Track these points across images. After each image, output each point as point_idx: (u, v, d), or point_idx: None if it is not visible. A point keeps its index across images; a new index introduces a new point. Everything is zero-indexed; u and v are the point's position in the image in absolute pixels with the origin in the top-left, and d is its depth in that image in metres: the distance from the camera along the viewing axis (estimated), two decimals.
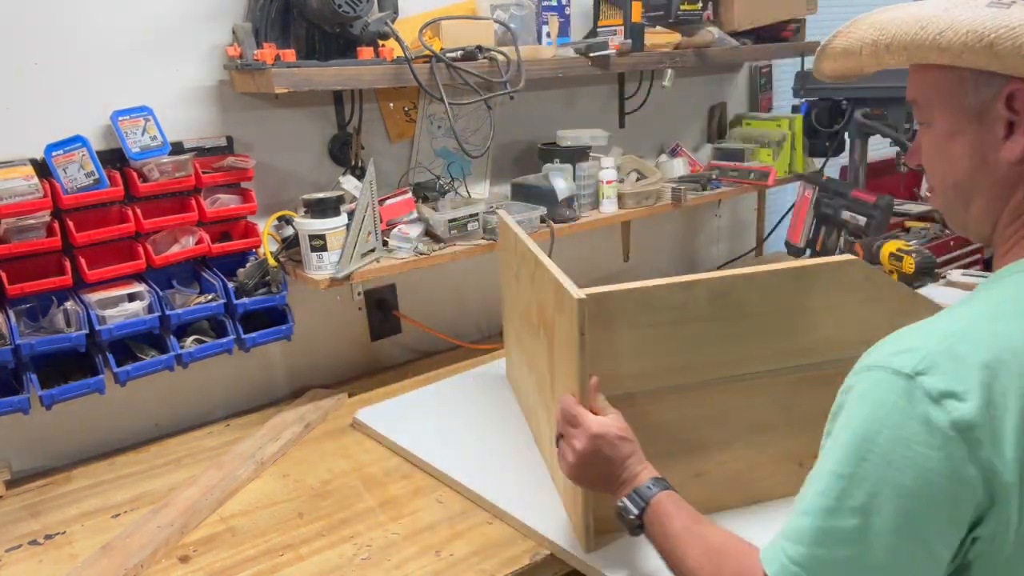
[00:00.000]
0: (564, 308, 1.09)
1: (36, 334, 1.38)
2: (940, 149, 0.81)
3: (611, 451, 1.01)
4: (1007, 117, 0.73)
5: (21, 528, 1.31)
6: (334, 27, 1.53)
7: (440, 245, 1.72)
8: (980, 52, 0.69)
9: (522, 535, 1.22)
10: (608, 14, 2.03)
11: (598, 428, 1.01)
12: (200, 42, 1.55)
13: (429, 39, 1.63)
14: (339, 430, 1.60)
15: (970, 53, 0.70)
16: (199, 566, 1.19)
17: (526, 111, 2.05)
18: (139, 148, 1.44)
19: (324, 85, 1.50)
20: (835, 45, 0.83)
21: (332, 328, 1.85)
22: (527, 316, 1.38)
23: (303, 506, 1.33)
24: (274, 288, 1.60)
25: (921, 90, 0.80)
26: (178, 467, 1.48)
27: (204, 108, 1.58)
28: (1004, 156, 0.75)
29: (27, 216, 1.34)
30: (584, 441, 1.02)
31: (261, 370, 1.77)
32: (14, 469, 1.47)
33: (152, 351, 1.50)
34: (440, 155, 1.95)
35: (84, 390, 1.41)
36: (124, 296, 1.46)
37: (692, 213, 2.60)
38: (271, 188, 1.69)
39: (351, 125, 1.77)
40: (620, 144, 2.25)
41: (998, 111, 0.74)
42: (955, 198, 0.82)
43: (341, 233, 1.56)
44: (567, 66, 1.85)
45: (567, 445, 1.05)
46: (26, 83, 1.39)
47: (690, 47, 2.08)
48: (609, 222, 2.04)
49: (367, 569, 1.16)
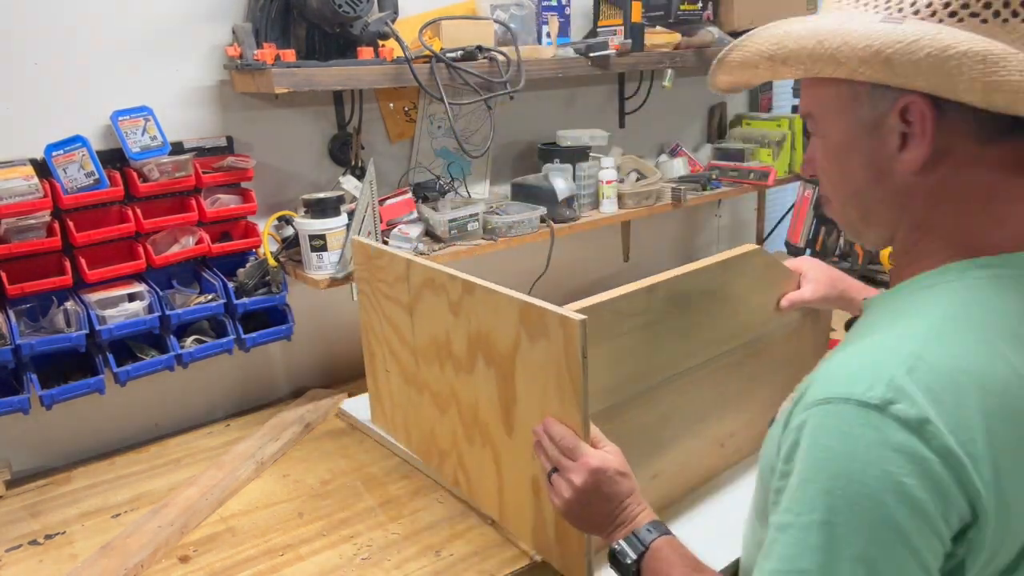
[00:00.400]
0: (548, 333, 1.00)
1: (36, 334, 1.38)
2: (836, 161, 0.81)
3: (611, 488, 0.95)
4: (901, 129, 0.74)
5: (21, 528, 1.31)
6: (334, 27, 1.53)
7: (440, 245, 1.72)
8: (877, 66, 0.70)
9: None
10: (608, 14, 2.03)
11: (599, 463, 0.95)
12: (200, 42, 1.55)
13: (429, 39, 1.63)
14: (339, 430, 1.60)
15: (867, 67, 0.71)
16: (199, 566, 1.19)
17: (526, 111, 2.05)
18: (139, 148, 1.44)
19: (324, 85, 1.50)
20: (732, 58, 0.83)
21: (332, 328, 1.85)
22: (439, 351, 1.25)
23: (303, 506, 1.33)
24: (274, 288, 1.60)
25: (816, 103, 0.80)
26: (178, 467, 1.48)
27: (204, 108, 1.58)
28: (899, 168, 0.75)
29: (27, 216, 1.34)
30: (583, 476, 0.95)
31: (261, 370, 1.77)
32: (14, 469, 1.47)
33: (152, 351, 1.50)
34: (440, 155, 1.95)
35: (84, 390, 1.41)
36: (124, 296, 1.46)
37: (692, 213, 2.60)
38: (271, 188, 1.69)
39: (351, 125, 1.77)
40: (620, 144, 2.25)
41: (892, 123, 0.74)
42: (852, 209, 0.82)
43: (341, 233, 1.56)
44: (567, 66, 1.85)
45: (563, 480, 0.97)
46: (26, 83, 1.39)
47: (690, 47, 2.08)
48: (609, 222, 2.04)
49: (367, 569, 1.16)
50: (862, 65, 0.70)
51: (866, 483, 0.63)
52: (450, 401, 1.26)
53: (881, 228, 0.81)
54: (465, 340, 1.18)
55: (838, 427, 0.66)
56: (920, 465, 0.63)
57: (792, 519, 0.67)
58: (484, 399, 1.17)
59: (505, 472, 1.18)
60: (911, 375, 0.65)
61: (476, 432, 1.22)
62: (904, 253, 0.81)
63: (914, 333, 0.70)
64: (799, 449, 0.68)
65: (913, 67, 0.68)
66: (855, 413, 0.65)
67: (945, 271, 0.75)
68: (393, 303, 1.35)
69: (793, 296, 1.31)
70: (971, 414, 0.65)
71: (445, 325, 1.21)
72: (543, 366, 1.02)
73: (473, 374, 1.18)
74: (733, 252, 1.22)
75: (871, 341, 0.72)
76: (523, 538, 1.19)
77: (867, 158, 0.77)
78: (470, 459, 1.26)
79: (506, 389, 1.12)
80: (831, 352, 0.76)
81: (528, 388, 1.07)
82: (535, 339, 1.03)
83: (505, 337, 1.08)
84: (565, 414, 1.01)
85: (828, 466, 0.65)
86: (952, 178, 0.74)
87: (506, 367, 1.10)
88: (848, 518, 0.64)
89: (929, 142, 0.72)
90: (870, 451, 0.64)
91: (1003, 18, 0.69)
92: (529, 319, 1.03)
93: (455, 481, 1.32)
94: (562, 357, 0.98)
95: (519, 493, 1.16)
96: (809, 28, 0.74)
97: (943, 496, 0.63)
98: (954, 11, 0.70)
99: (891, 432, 0.63)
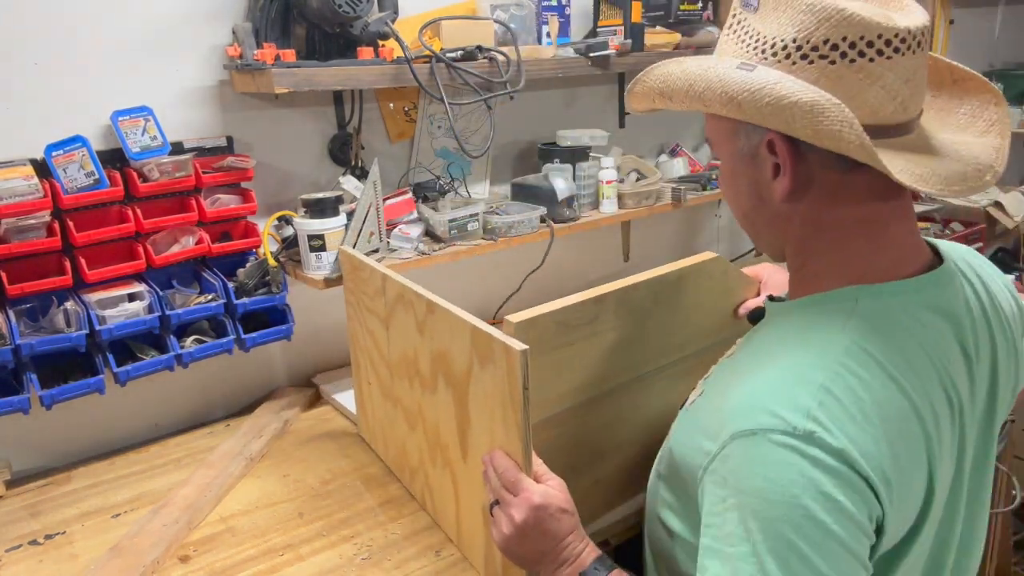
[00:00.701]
0: (494, 359, 0.96)
1: (36, 334, 1.38)
2: (728, 184, 0.90)
3: (552, 525, 0.92)
4: (772, 160, 0.81)
5: (21, 528, 1.31)
6: (334, 27, 1.53)
7: (440, 245, 1.72)
8: (732, 109, 0.77)
9: None
10: (608, 14, 2.03)
11: (541, 499, 0.92)
12: (200, 42, 1.55)
13: (429, 39, 1.63)
14: (339, 430, 1.60)
15: (726, 109, 0.78)
16: (199, 566, 1.19)
17: (526, 111, 2.05)
18: (139, 148, 1.44)
19: (324, 85, 1.50)
20: (635, 90, 0.90)
21: (332, 328, 1.85)
22: (408, 368, 1.22)
23: (303, 506, 1.33)
24: (274, 288, 1.60)
25: (712, 131, 0.89)
26: (178, 467, 1.48)
27: (204, 108, 1.58)
28: (774, 194, 0.83)
29: (27, 216, 1.34)
30: (524, 512, 0.92)
31: (261, 370, 1.77)
32: (14, 469, 1.47)
33: (152, 351, 1.50)
34: (440, 155, 1.95)
35: (84, 390, 1.41)
36: (124, 296, 1.46)
37: (692, 213, 2.60)
38: (271, 188, 1.69)
39: (351, 125, 1.77)
40: (620, 144, 2.25)
41: (764, 155, 0.82)
42: (747, 226, 0.92)
43: (340, 233, 1.56)
44: (567, 66, 1.85)
45: (503, 514, 0.94)
46: (26, 83, 1.39)
47: (690, 47, 2.08)
48: (609, 222, 2.04)
49: (367, 569, 1.17)
50: (723, 107, 0.78)
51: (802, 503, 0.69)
52: (417, 419, 1.24)
53: (770, 247, 0.91)
54: (429, 359, 1.14)
55: (769, 457, 0.72)
56: (847, 481, 0.70)
57: (723, 548, 0.73)
58: (444, 421, 1.14)
59: (461, 496, 1.15)
60: (823, 408, 0.72)
61: (438, 453, 1.19)
62: (795, 271, 0.89)
63: (820, 363, 0.76)
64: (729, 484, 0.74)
65: (758, 112, 0.75)
66: (783, 443, 0.71)
67: (839, 297, 0.82)
68: (374, 316, 1.32)
69: (751, 303, 1.30)
70: (876, 440, 0.72)
71: (413, 342, 1.18)
72: (491, 392, 0.99)
73: (436, 394, 1.15)
74: (690, 260, 1.20)
75: (780, 369, 0.78)
76: (476, 564, 1.16)
77: (749, 184, 0.86)
78: (434, 478, 1.24)
79: (462, 412, 1.08)
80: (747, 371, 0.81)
81: (479, 413, 1.04)
82: (484, 364, 0.99)
83: (461, 360, 1.05)
84: (508, 442, 0.97)
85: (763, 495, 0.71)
86: (825, 205, 0.82)
87: (461, 390, 1.07)
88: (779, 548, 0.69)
89: (791, 172, 0.80)
90: (801, 479, 0.70)
91: (850, 59, 0.75)
92: (480, 343, 0.99)
93: (423, 499, 1.31)
94: (505, 385, 0.94)
95: (472, 519, 1.13)
96: (684, 70, 0.82)
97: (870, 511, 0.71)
98: (805, 54, 0.76)
99: (819, 460, 0.70)
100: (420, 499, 1.32)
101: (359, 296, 1.38)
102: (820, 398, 0.72)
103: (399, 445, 1.35)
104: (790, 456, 0.70)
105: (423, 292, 1.13)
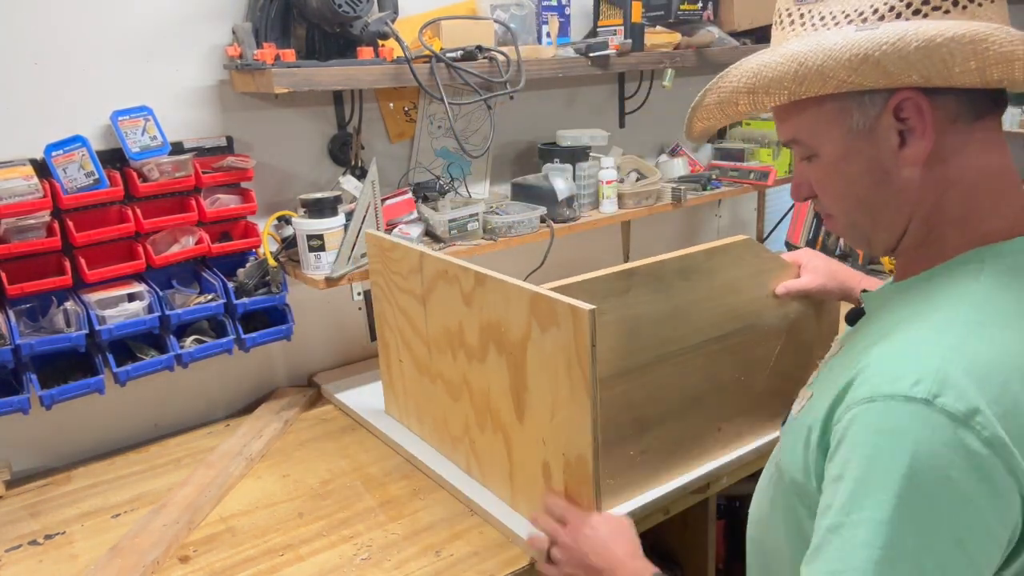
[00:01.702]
0: (558, 322, 1.04)
1: (36, 334, 1.38)
2: (836, 175, 0.81)
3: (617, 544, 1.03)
4: (898, 127, 0.75)
5: (21, 528, 1.31)
6: (334, 27, 1.53)
7: (440, 245, 1.72)
8: (866, 71, 0.71)
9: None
10: (608, 14, 2.03)
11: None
12: (200, 42, 1.55)
13: (429, 39, 1.63)
14: (339, 430, 1.60)
15: (856, 75, 0.72)
16: (199, 566, 1.19)
17: (526, 111, 2.05)
18: (139, 148, 1.44)
19: (324, 85, 1.50)
20: (709, 102, 0.83)
21: (332, 328, 1.85)
22: (451, 341, 1.29)
23: (303, 506, 1.33)
24: (274, 288, 1.60)
25: (800, 127, 0.81)
26: (178, 467, 1.48)
27: (204, 108, 1.58)
28: (903, 164, 0.77)
29: (27, 216, 1.34)
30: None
31: (261, 370, 1.77)
32: (14, 469, 1.47)
33: (152, 351, 1.50)
34: (440, 155, 1.95)
35: (84, 390, 1.41)
36: (124, 296, 1.45)
37: (692, 213, 2.60)
38: (271, 188, 1.69)
39: (351, 125, 1.77)
40: (620, 144, 2.25)
41: (888, 123, 0.75)
42: (860, 216, 0.83)
43: (339, 233, 1.56)
44: (567, 66, 1.85)
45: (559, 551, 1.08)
46: (26, 83, 1.39)
47: (690, 47, 2.08)
48: (609, 222, 2.04)
49: (367, 569, 1.16)
50: (852, 74, 0.72)
51: (917, 480, 0.64)
52: (462, 389, 1.30)
53: (892, 229, 0.82)
54: (477, 329, 1.21)
55: (886, 424, 0.67)
56: (970, 460, 0.64)
57: (843, 519, 0.67)
58: (496, 387, 1.21)
59: (516, 456, 1.22)
60: (954, 367, 0.66)
61: (488, 418, 1.26)
62: (915, 247, 0.82)
63: (948, 326, 0.71)
64: (846, 448, 0.69)
65: (904, 63, 0.70)
66: (903, 409, 0.66)
67: (964, 260, 0.77)
68: (407, 295, 1.39)
69: (790, 284, 1.33)
70: (1017, 401, 0.66)
71: (458, 315, 1.25)
72: (553, 354, 1.06)
73: (485, 363, 1.22)
74: (721, 241, 1.27)
75: (906, 336, 0.73)
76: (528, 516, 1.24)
77: (867, 164, 0.79)
78: (482, 444, 1.30)
79: (517, 377, 1.16)
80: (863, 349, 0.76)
81: (538, 375, 1.11)
82: (546, 328, 1.07)
83: (516, 327, 1.12)
84: (574, 400, 1.05)
85: (878, 464, 0.66)
86: (952, 164, 0.76)
87: (518, 355, 1.14)
88: (901, 515, 0.64)
89: (931, 130, 0.74)
90: (919, 447, 0.64)
91: (962, 5, 0.72)
92: (539, 309, 1.07)
93: (467, 466, 1.36)
94: (572, 344, 1.02)
95: (529, 475, 1.20)
96: (784, 55, 0.75)
97: (993, 489, 0.64)
98: (917, 9, 0.72)
99: (939, 426, 0.64)
100: (464, 467, 1.37)
101: (389, 277, 1.43)
102: (951, 357, 0.67)
103: (439, 418, 1.41)
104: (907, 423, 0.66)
105: (470, 265, 1.20)
